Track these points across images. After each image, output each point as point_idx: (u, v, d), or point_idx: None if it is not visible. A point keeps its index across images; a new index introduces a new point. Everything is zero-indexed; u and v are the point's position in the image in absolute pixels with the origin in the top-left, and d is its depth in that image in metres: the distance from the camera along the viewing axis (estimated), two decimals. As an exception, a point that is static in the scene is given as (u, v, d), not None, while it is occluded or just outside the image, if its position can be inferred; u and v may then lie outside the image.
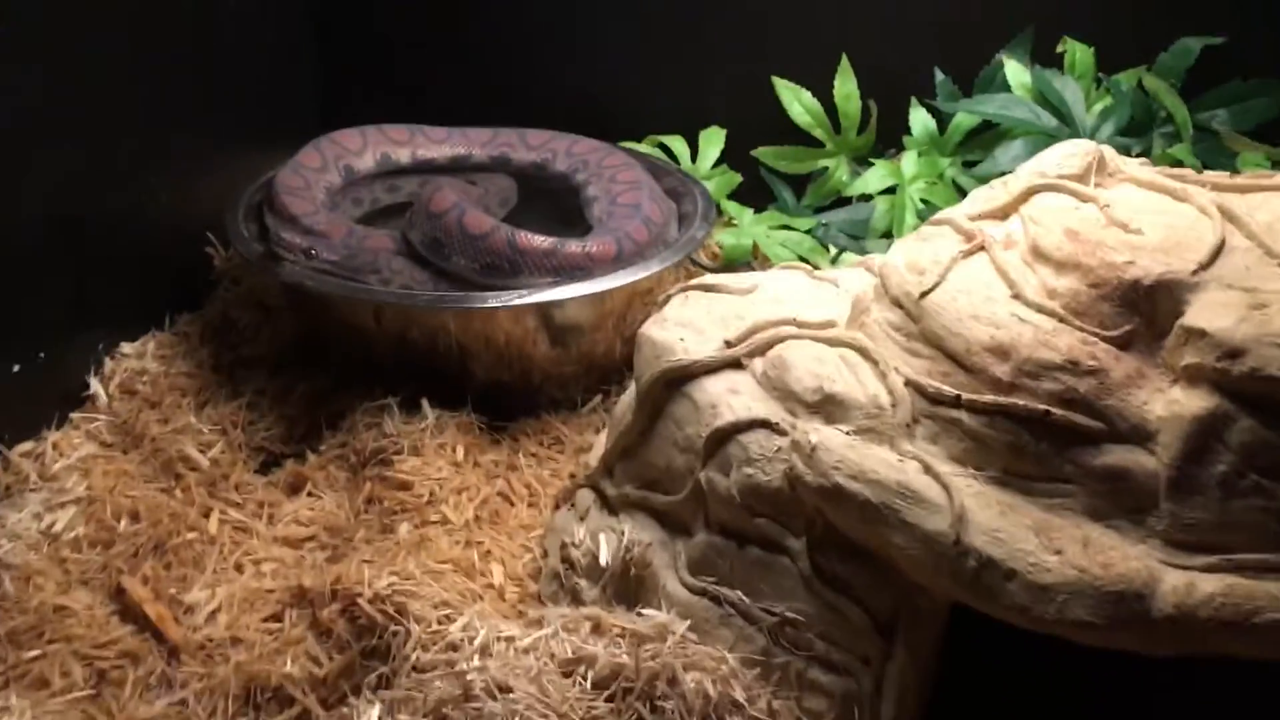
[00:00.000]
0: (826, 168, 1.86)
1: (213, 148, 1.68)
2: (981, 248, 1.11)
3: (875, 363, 1.07)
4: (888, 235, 1.78)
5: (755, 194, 1.86)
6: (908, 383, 1.04)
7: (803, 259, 1.76)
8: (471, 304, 1.39)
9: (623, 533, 1.14)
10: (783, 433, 1.07)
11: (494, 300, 1.38)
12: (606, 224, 1.53)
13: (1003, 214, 1.17)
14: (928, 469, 0.98)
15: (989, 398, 0.99)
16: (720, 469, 1.09)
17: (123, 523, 1.25)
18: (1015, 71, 1.75)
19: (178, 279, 1.65)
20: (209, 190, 1.68)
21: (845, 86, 1.82)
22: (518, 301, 1.38)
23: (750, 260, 1.77)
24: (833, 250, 1.75)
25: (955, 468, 0.99)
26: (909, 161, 1.79)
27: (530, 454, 1.40)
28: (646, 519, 1.16)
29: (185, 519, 1.25)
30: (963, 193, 1.77)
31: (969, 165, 1.80)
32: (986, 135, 1.79)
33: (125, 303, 1.55)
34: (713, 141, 1.86)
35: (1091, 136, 1.66)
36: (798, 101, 1.84)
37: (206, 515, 1.28)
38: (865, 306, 1.15)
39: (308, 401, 1.45)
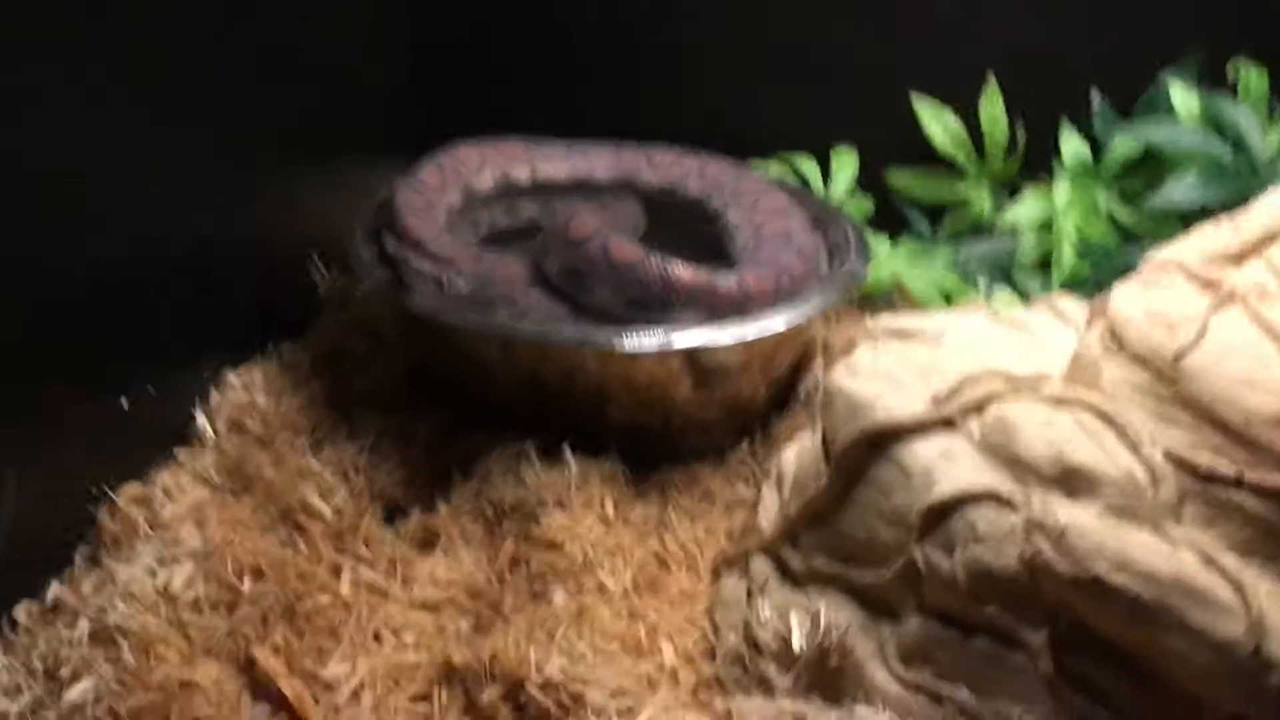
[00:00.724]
0: (968, 195, 1.73)
1: (311, 164, 1.57)
2: (1232, 299, 0.99)
3: (1122, 430, 0.94)
4: (1038, 271, 1.66)
5: (884, 221, 1.73)
6: (1168, 456, 0.91)
7: (946, 296, 1.63)
8: (653, 343, 1.26)
9: (818, 613, 1.02)
10: (1015, 508, 0.94)
11: (679, 339, 1.25)
12: (756, 256, 1.40)
13: (1237, 258, 1.04)
14: (1211, 561, 0.85)
15: None
16: (941, 547, 0.96)
17: (246, 581, 1.12)
18: (1182, 96, 1.62)
19: (281, 304, 1.53)
20: (307, 208, 1.56)
21: (992, 108, 1.70)
22: (725, 341, 1.27)
23: (891, 296, 1.65)
24: (983, 287, 1.62)
25: (1239, 560, 0.86)
26: (1062, 191, 1.66)
27: (681, 509, 1.27)
28: (842, 597, 1.04)
29: (314, 578, 1.13)
30: (1119, 227, 1.65)
31: (1126, 197, 1.67)
32: (1147, 165, 1.66)
33: (229, 329, 1.43)
34: (846, 164, 1.74)
35: (1271, 169, 1.53)
36: (938, 123, 1.71)
37: (336, 574, 1.16)
38: (1091, 361, 1.02)
39: (432, 444, 1.33)
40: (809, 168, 1.73)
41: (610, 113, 1.79)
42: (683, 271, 1.29)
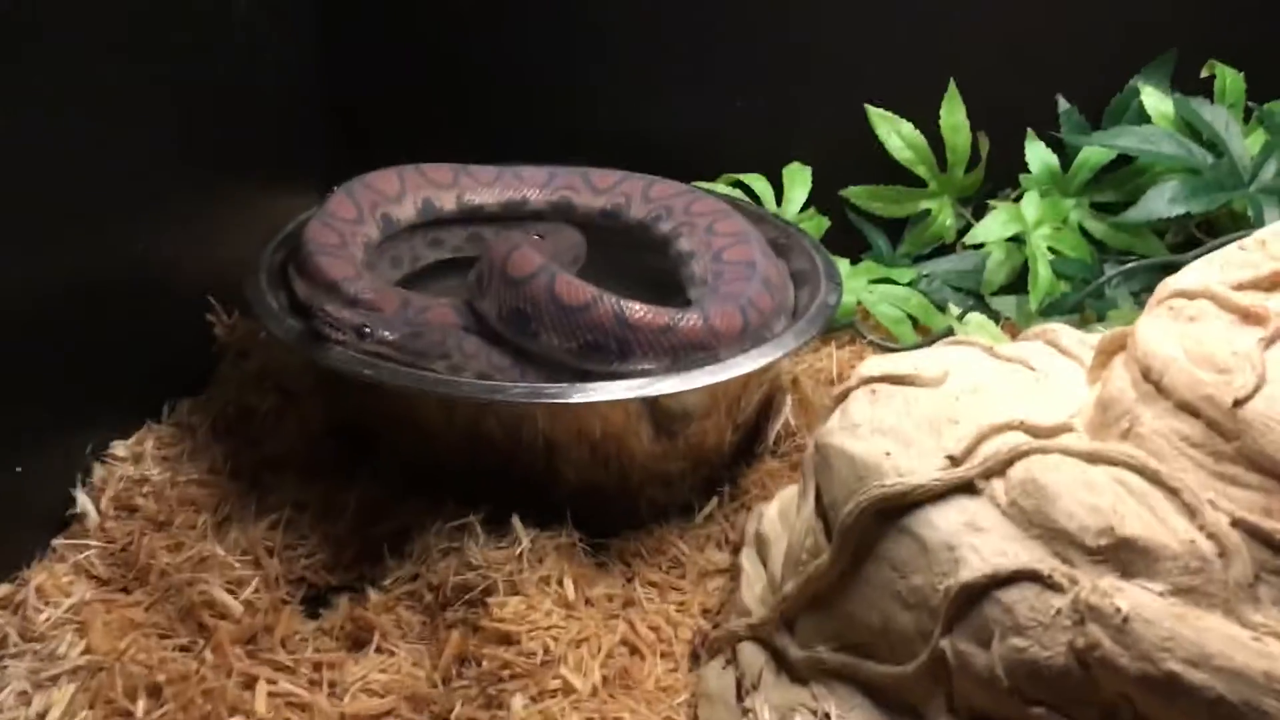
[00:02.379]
0: (929, 210, 1.61)
1: (205, 193, 1.37)
2: (1280, 334, 0.86)
3: (1176, 493, 0.81)
4: (1008, 290, 1.54)
5: (842, 240, 1.60)
6: (1236, 524, 0.79)
7: (912, 318, 1.51)
8: (614, 398, 1.10)
9: (827, 715, 0.87)
10: (1061, 589, 0.80)
11: (648, 388, 1.10)
12: (716, 288, 1.25)
13: (1269, 284, 0.93)
14: (1306, 654, 0.72)
15: (1370, 550, 0.74)
16: (973, 637, 0.82)
17: (140, 703, 0.94)
18: (1154, 99, 1.52)
19: (174, 357, 1.34)
20: (202, 244, 1.37)
21: (953, 116, 1.58)
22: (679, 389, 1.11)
23: (853, 321, 1.52)
24: (954, 310, 1.49)
25: (1336, 650, 0.74)
26: (1031, 204, 1.54)
27: (648, 582, 1.12)
28: (854, 695, 0.89)
29: (224, 695, 0.95)
30: (1091, 239, 1.54)
31: (1099, 208, 1.56)
32: (1120, 173, 1.55)
33: (114, 390, 1.24)
34: (798, 181, 1.60)
35: (1253, 176, 1.43)
36: (896, 134, 1.59)
37: (250, 686, 0.97)
38: (1127, 409, 0.89)
39: (359, 517, 1.15)
40: (760, 187, 1.59)
41: (544, 134, 1.63)
42: (640, 312, 1.13)
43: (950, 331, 1.45)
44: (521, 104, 1.66)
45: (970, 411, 0.94)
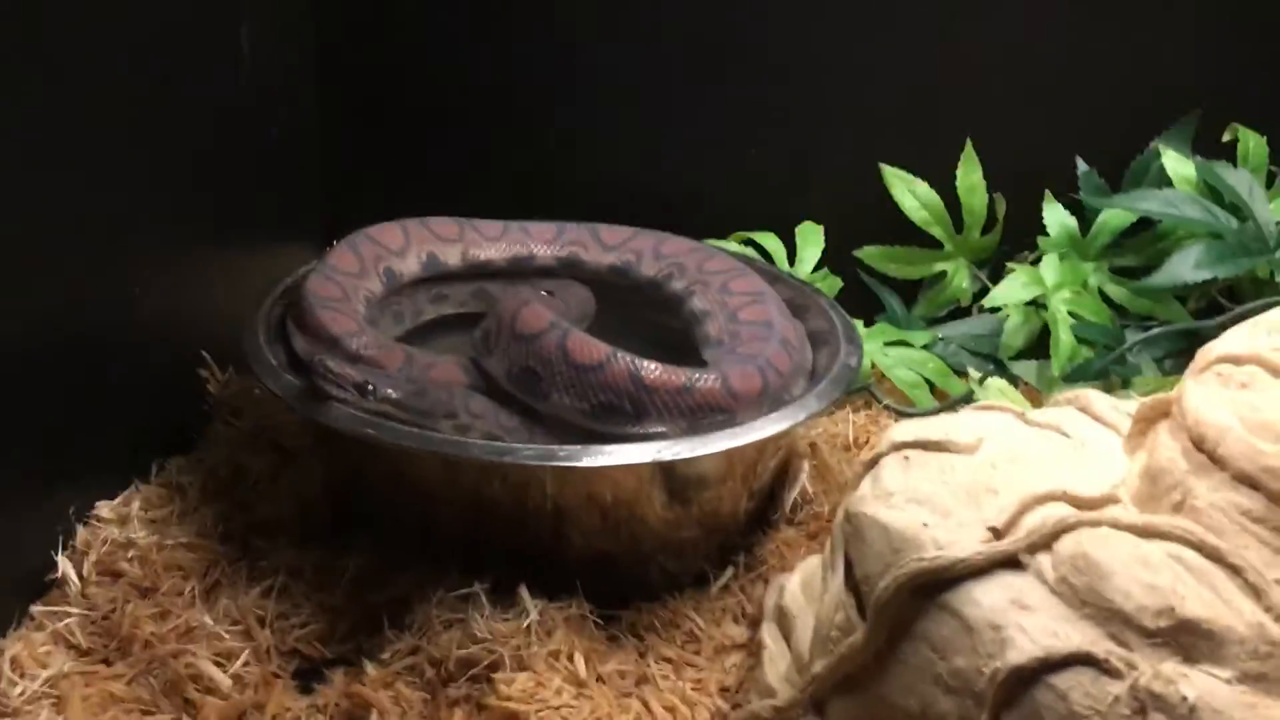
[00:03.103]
0: (944, 272, 1.57)
1: (200, 244, 1.33)
2: (1340, 403, 0.82)
3: (1239, 571, 0.76)
4: (1026, 354, 1.50)
5: (854, 301, 1.56)
6: (1306, 606, 0.73)
7: (929, 382, 1.46)
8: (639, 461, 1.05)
9: (863, 807, 0.81)
10: (1118, 674, 0.75)
11: (666, 451, 1.04)
12: (734, 348, 1.21)
13: (1320, 350, 0.88)
14: (1392, 751, 0.67)
15: None
16: (1024, 725, 0.76)
17: (119, 787, 0.87)
18: (1176, 162, 1.49)
19: (165, 412, 1.28)
20: (196, 296, 1.33)
21: (969, 176, 1.54)
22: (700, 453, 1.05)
23: (869, 384, 1.47)
24: (974, 374, 1.44)
25: None
26: (1050, 267, 1.51)
27: (663, 658, 1.05)
28: (891, 784, 0.83)
29: (210, 779, 0.88)
30: (1111, 304, 1.50)
31: (1119, 272, 1.52)
32: (1141, 237, 1.52)
33: (100, 447, 1.18)
34: (812, 240, 1.57)
35: (1279, 241, 1.40)
36: (911, 193, 1.55)
37: (239, 769, 0.91)
38: (1178, 480, 0.84)
39: (356, 585, 1.09)
40: (773, 245, 1.55)
41: (550, 188, 1.60)
42: (657, 372, 1.08)
43: (970, 397, 1.40)
44: (527, 156, 1.63)
45: (1010, 480, 0.89)
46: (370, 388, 1.05)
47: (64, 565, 1.09)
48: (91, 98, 1.10)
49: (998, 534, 0.84)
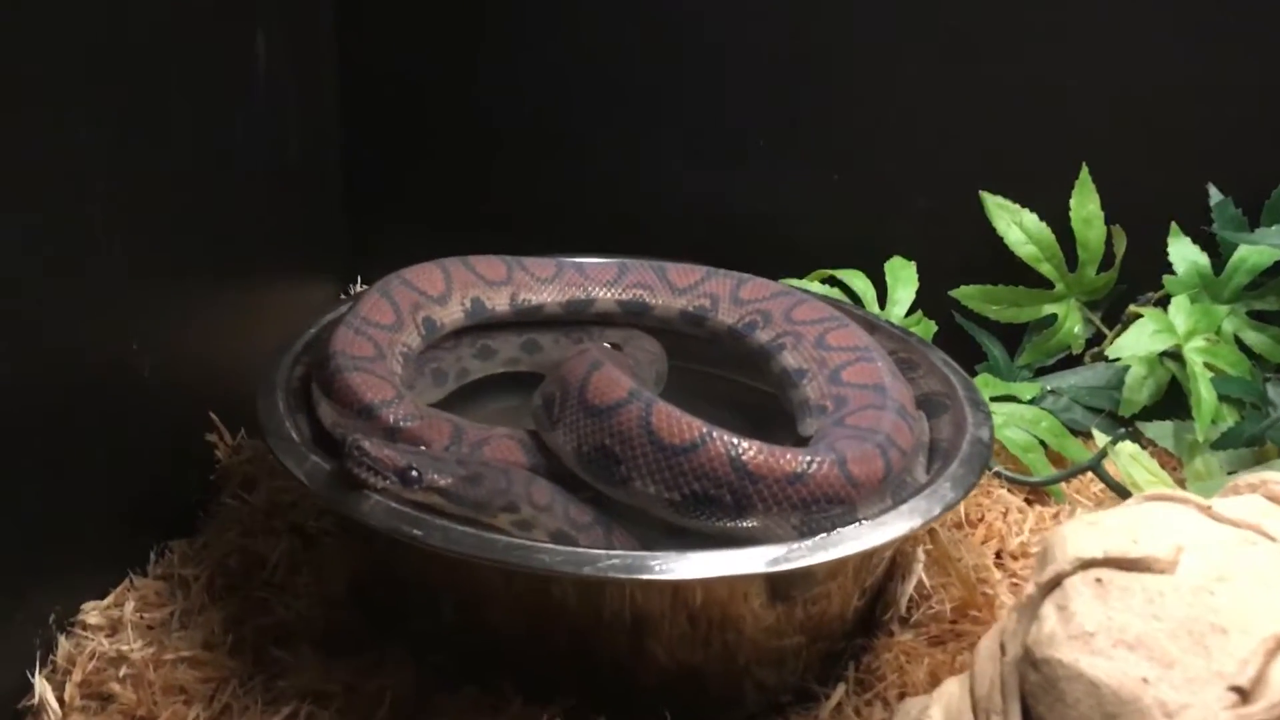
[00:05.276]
0: (1054, 315, 1.38)
1: (209, 291, 1.14)
2: None
3: None
4: (1152, 413, 1.30)
5: (948, 349, 1.34)
6: None
7: (1042, 442, 1.27)
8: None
9: None
10: None
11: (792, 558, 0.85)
12: (841, 418, 1.01)
13: None
14: None
15: None
16: None
17: None
18: (1326, 192, 1.30)
19: (165, 487, 1.09)
20: (203, 351, 1.14)
21: (1085, 206, 1.35)
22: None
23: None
24: (1100, 438, 1.25)
25: None
26: (1180, 310, 1.31)
27: (772, 808, 0.86)
28: None
29: None
30: (1250, 354, 1.31)
31: (1258, 317, 1.33)
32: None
33: (87, 533, 0.99)
34: (904, 278, 1.38)
35: None
36: (1017, 225, 1.36)
37: None
38: None
39: (396, 713, 0.90)
40: (860, 284, 1.36)
41: (599, 218, 1.41)
42: (763, 455, 0.89)
43: (1100, 463, 1.20)
44: (572, 183, 1.44)
45: (1235, 613, 0.70)
46: (415, 474, 0.86)
47: (41, 688, 0.89)
48: (83, 116, 0.91)
49: (1244, 695, 0.65)
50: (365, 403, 0.95)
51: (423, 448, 0.92)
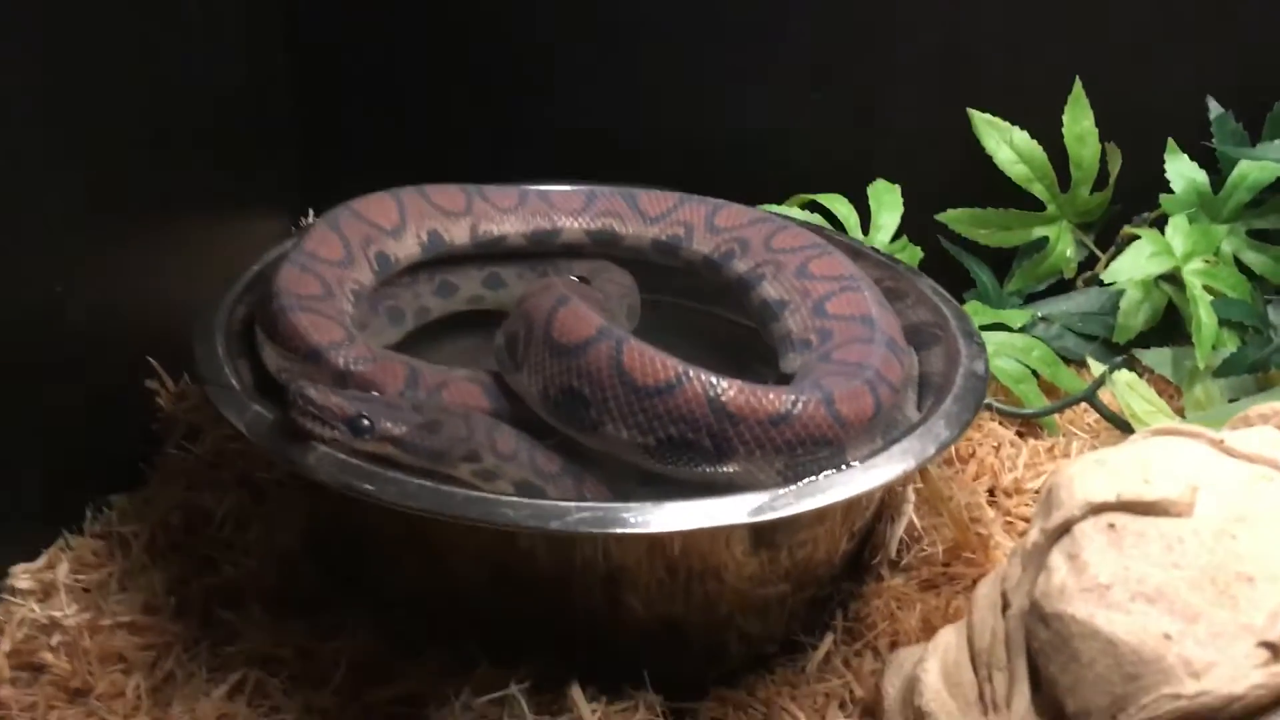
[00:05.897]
0: (1045, 238, 1.31)
1: (144, 224, 1.06)
2: None
3: None
4: (1149, 339, 1.25)
5: (935, 275, 1.27)
6: None
7: (1034, 372, 1.21)
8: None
9: None
10: None
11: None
12: (826, 353, 0.94)
13: None
14: None
15: None
16: None
17: None
18: (1333, 104, 1.23)
19: (101, 440, 1.01)
20: (140, 290, 1.06)
21: (1078, 123, 1.28)
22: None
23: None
24: (1096, 367, 1.19)
25: None
26: (1178, 231, 1.25)
27: (759, 770, 0.81)
28: None
29: None
30: (1252, 275, 1.25)
31: (1259, 236, 1.27)
32: (1282, 196, 1.27)
33: (16, 490, 0.91)
34: (888, 202, 1.30)
35: None
36: (1007, 144, 1.29)
37: None
38: None
39: (354, 678, 0.84)
40: (843, 210, 1.29)
41: (564, 141, 1.33)
42: (744, 395, 0.82)
43: (1096, 392, 1.15)
44: (536, 104, 1.35)
45: (1260, 558, 0.65)
46: (366, 423, 0.79)
47: (-32, 660, 0.83)
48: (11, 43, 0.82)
49: (1275, 650, 0.59)
50: (312, 345, 0.87)
51: (375, 394, 0.85)
